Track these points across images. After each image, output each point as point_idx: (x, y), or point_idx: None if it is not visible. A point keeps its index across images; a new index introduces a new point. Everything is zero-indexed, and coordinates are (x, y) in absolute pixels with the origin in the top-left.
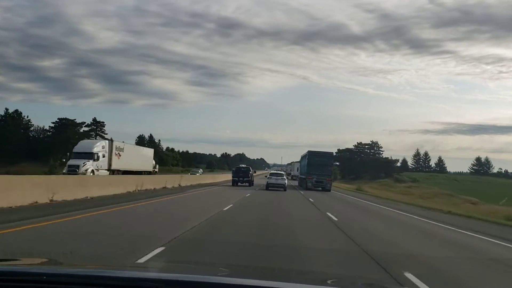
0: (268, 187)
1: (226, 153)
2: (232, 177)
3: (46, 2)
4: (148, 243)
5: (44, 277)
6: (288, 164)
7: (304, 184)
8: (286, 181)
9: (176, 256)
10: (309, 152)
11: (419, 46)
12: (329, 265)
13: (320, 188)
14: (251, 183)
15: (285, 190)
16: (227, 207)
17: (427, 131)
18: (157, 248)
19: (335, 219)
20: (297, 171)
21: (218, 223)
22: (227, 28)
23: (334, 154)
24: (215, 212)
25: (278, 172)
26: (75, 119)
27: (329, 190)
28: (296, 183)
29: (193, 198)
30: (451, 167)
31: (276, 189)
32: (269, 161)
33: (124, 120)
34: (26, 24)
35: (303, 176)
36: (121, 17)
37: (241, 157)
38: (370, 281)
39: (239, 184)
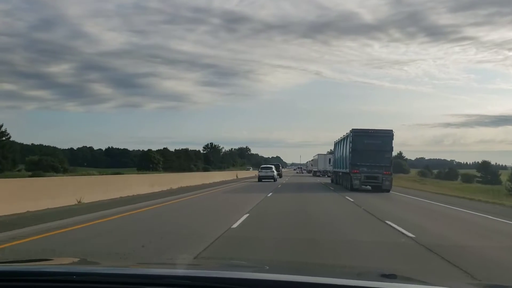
0: (261, 179)
1: (212, 143)
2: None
3: (45, 3)
4: None
5: (74, 277)
6: (310, 160)
7: (347, 182)
8: (275, 173)
9: None
10: (354, 131)
11: (436, 33)
12: None
13: (369, 187)
14: (275, 179)
15: (275, 180)
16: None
17: (447, 125)
18: None
19: None
20: (329, 163)
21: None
22: (233, 22)
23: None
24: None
25: (267, 166)
26: None
27: (388, 191)
28: (321, 180)
29: None
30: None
31: (268, 181)
32: (287, 160)
33: (138, 124)
34: (28, 29)
35: (343, 170)
36: (122, 16)
37: (242, 151)
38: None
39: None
